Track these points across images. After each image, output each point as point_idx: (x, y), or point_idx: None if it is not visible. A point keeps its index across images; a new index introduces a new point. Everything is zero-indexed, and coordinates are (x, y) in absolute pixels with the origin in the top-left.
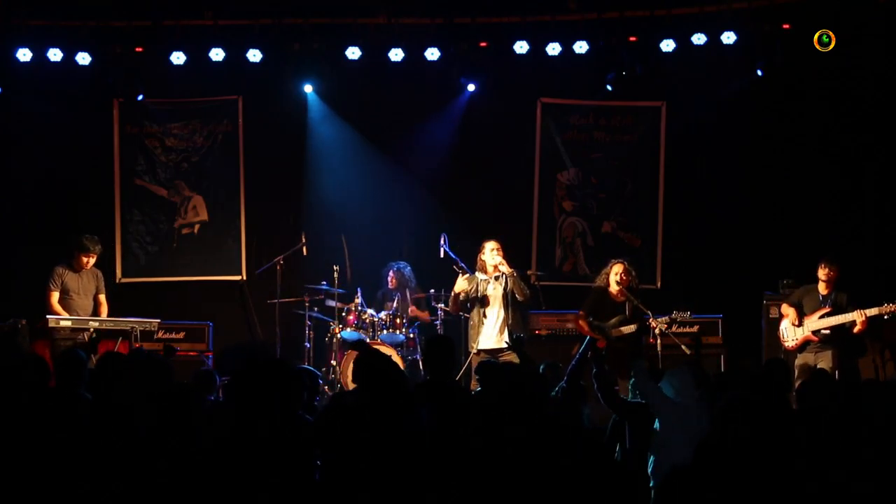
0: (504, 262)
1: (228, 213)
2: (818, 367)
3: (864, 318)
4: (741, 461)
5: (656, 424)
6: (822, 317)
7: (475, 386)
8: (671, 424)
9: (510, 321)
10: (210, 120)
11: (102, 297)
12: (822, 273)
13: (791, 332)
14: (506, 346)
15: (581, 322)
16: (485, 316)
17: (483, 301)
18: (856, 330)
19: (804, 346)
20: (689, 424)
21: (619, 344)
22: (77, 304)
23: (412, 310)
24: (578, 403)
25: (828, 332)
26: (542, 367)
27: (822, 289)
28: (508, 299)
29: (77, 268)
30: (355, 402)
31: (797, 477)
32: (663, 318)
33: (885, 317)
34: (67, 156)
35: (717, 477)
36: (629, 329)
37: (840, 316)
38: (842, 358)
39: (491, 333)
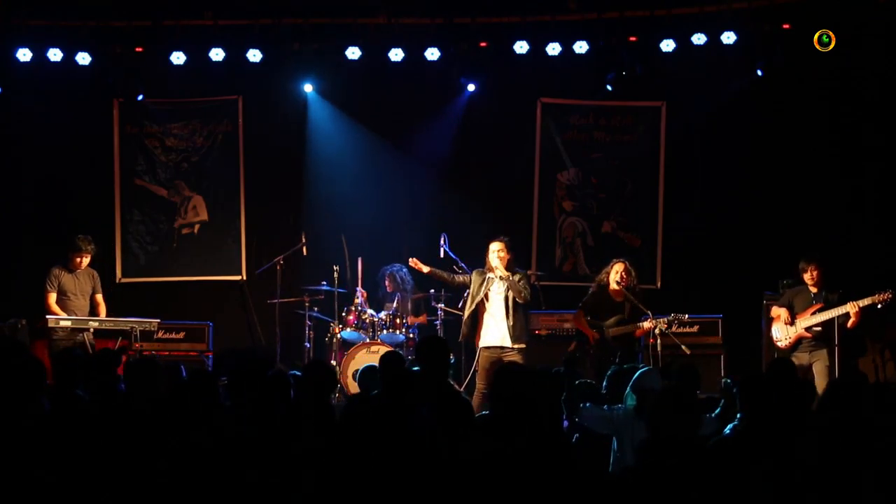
0: (500, 266)
1: (228, 213)
2: (813, 365)
3: (857, 308)
4: (679, 458)
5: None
6: (814, 313)
7: (481, 384)
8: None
9: (511, 321)
10: (210, 120)
11: (100, 297)
12: (806, 276)
13: (783, 332)
14: (508, 346)
15: (580, 321)
16: (488, 314)
17: (486, 299)
18: (850, 323)
19: (797, 345)
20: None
21: (614, 343)
22: (74, 305)
23: (410, 319)
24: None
25: (819, 328)
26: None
27: (811, 289)
28: (509, 301)
29: (72, 268)
30: (375, 401)
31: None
32: (662, 320)
33: (879, 305)
34: (67, 156)
35: (658, 476)
36: (626, 330)
37: (833, 309)
38: (841, 357)
39: (494, 331)
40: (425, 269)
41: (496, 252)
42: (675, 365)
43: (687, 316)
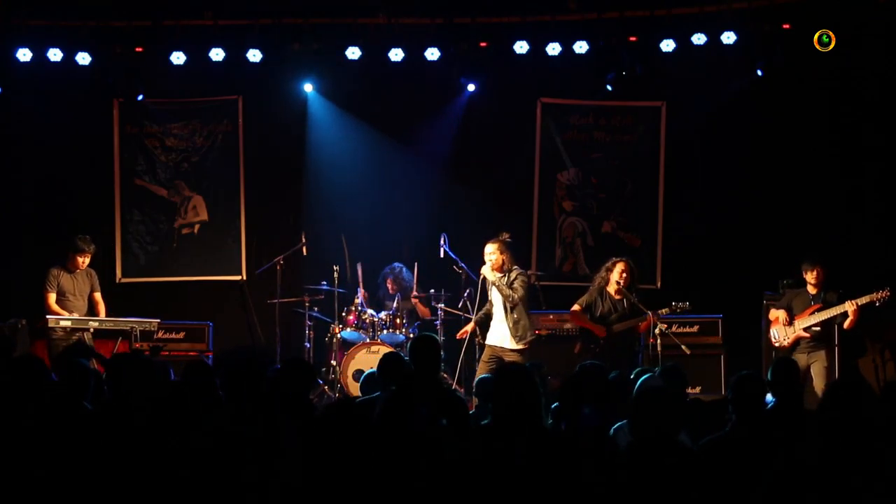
0: (488, 269)
1: (228, 213)
2: (811, 366)
3: (855, 307)
4: (665, 458)
5: None
6: (812, 314)
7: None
8: None
9: (510, 322)
10: (210, 120)
11: (98, 296)
12: (809, 276)
13: (782, 332)
14: (508, 346)
15: (582, 319)
16: (492, 313)
17: (490, 300)
18: (847, 323)
19: (796, 345)
20: None
21: (616, 339)
22: (73, 305)
23: (415, 301)
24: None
25: (818, 328)
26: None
27: (811, 290)
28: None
29: (72, 268)
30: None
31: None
32: (663, 310)
33: (877, 304)
34: (67, 156)
35: (645, 471)
36: (629, 325)
37: (832, 309)
38: (841, 358)
39: (496, 331)
40: (469, 327)
41: (488, 255)
42: (668, 365)
43: (688, 304)
